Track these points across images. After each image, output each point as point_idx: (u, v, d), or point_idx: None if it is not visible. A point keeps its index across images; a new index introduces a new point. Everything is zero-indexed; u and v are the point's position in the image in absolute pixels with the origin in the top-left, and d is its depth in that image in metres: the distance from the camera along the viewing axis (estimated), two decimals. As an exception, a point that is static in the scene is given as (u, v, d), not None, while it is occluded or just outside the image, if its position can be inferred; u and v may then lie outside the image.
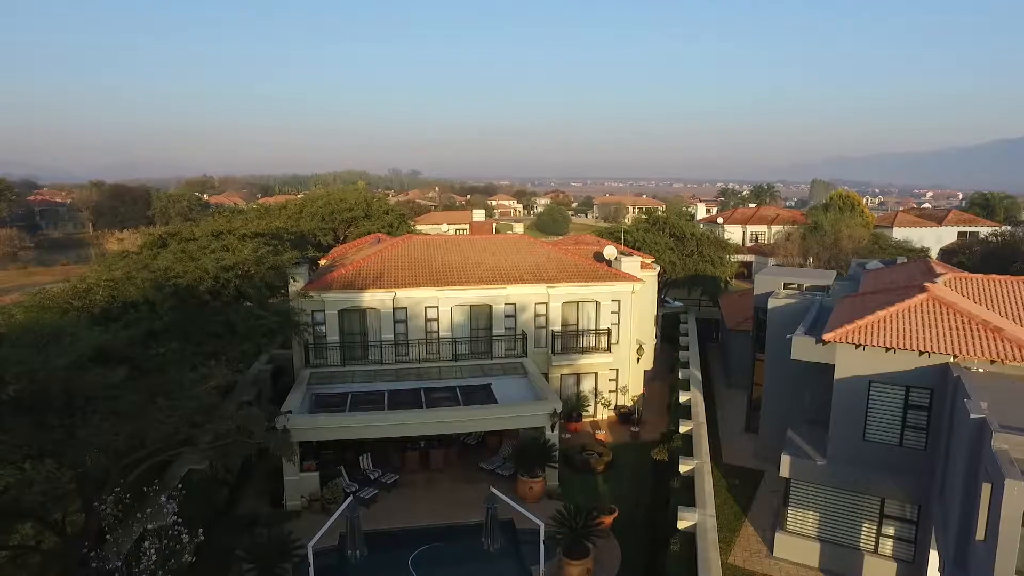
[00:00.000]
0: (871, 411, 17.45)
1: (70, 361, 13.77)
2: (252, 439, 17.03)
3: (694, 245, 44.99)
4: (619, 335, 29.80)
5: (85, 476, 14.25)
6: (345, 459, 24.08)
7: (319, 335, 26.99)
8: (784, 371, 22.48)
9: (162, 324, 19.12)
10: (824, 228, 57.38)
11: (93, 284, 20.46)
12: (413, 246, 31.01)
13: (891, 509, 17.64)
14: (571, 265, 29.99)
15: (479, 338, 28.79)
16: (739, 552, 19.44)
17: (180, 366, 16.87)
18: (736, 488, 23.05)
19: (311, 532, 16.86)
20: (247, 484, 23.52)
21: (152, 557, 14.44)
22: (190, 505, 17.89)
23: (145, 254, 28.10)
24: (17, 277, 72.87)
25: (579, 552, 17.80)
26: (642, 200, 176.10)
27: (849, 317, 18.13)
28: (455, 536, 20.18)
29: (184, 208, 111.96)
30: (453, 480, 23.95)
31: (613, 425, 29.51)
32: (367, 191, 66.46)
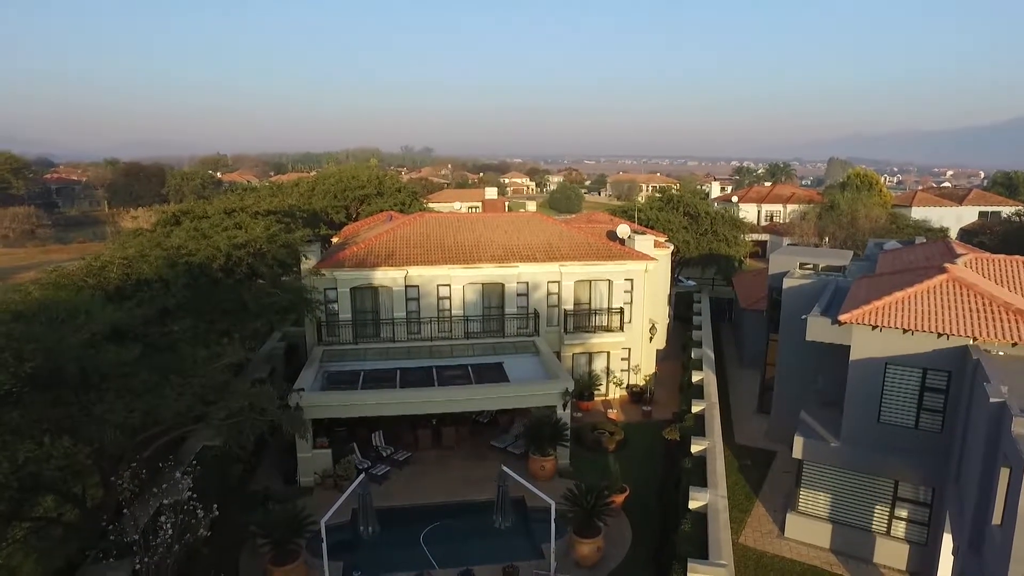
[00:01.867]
0: (886, 393, 17.25)
1: (85, 339, 13.87)
2: (265, 416, 17.15)
3: (708, 224, 44.51)
4: (632, 314, 29.65)
5: (102, 452, 14.45)
6: (357, 436, 24.27)
7: (331, 313, 27.06)
8: (798, 352, 22.27)
9: (175, 302, 19.18)
10: (841, 207, 56.59)
11: (107, 262, 20.53)
12: (425, 224, 30.89)
13: (905, 492, 17.52)
14: (584, 244, 29.76)
15: (491, 316, 28.75)
16: (750, 532, 19.45)
17: (193, 344, 16.95)
18: (748, 469, 23.01)
19: (324, 508, 16.99)
20: (261, 461, 23.82)
21: (168, 531, 14.66)
22: (205, 481, 18.17)
23: (158, 232, 28.12)
24: (35, 254, 73.65)
25: (590, 530, 17.88)
26: (656, 178, 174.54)
27: (866, 298, 17.86)
28: (466, 513, 20.32)
29: (197, 186, 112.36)
30: (465, 458, 24.09)
31: (625, 404, 29.49)
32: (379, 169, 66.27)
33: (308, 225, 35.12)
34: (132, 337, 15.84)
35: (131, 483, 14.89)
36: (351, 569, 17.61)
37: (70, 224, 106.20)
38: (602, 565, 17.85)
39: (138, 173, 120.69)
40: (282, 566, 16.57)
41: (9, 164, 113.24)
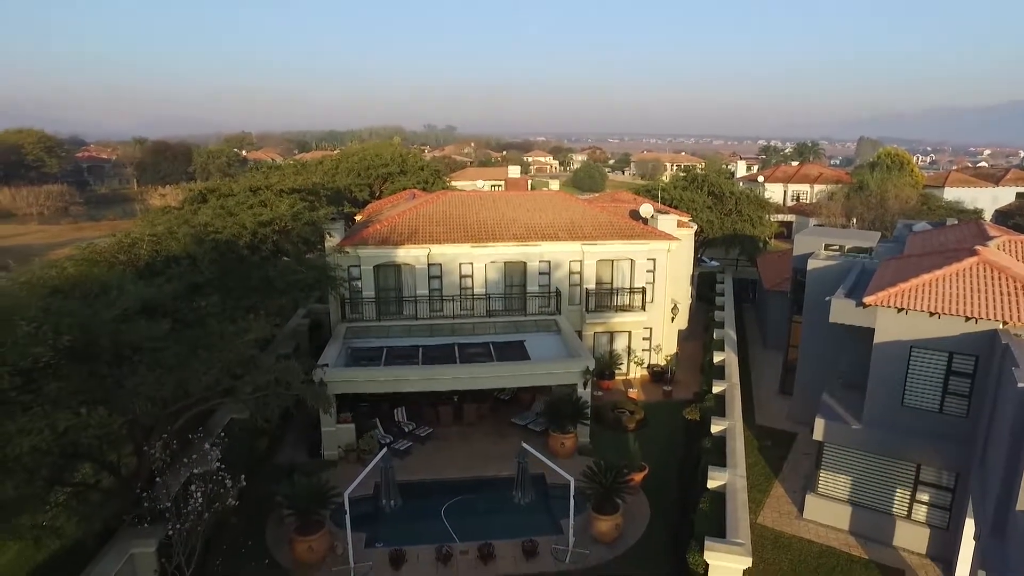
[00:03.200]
0: (911, 376, 17.07)
1: (117, 314, 14.26)
2: (290, 391, 17.53)
3: (733, 204, 44.00)
4: (654, 294, 29.56)
5: (135, 422, 14.93)
6: (380, 412, 24.68)
7: (355, 290, 27.39)
8: (821, 334, 22.08)
9: (203, 278, 19.56)
10: (870, 188, 55.42)
11: (137, 239, 20.98)
12: (448, 202, 30.98)
13: (927, 475, 17.39)
14: (606, 223, 29.64)
15: (513, 295, 28.88)
16: (768, 513, 19.50)
17: (221, 319, 17.31)
18: (768, 450, 22.98)
19: (347, 481, 17.40)
20: (286, 434, 24.37)
21: (199, 499, 15.14)
22: (232, 452, 18.69)
23: (186, 209, 28.61)
24: (68, 231, 75.35)
25: (609, 508, 18.07)
26: (680, 157, 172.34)
27: (892, 280, 17.60)
28: (487, 489, 20.65)
29: (223, 164, 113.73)
30: (485, 434, 24.39)
31: (646, 384, 29.54)
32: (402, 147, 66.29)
33: (332, 203, 35.42)
34: (162, 312, 16.24)
35: (163, 453, 15.38)
36: (373, 541, 18.04)
37: (101, 202, 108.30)
38: (620, 542, 18.06)
39: (165, 151, 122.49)
40: (307, 536, 17.03)
41: (42, 143, 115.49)
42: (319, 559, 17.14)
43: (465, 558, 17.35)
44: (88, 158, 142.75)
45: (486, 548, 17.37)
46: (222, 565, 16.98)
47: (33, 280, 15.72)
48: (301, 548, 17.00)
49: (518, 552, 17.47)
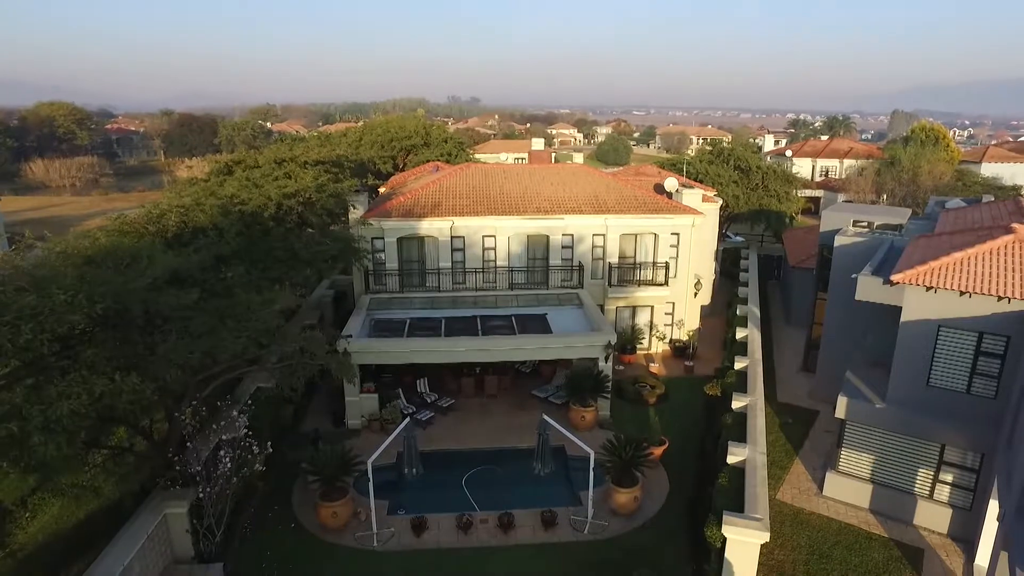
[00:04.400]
0: (937, 356, 16.83)
1: (148, 283, 14.57)
2: (315, 360, 17.84)
3: (759, 179, 43.30)
4: (677, 269, 29.37)
5: (166, 389, 15.32)
6: (403, 382, 25.04)
7: (378, 262, 27.61)
8: (846, 311, 21.82)
9: (229, 249, 19.86)
10: (902, 163, 53.92)
11: (166, 210, 21.30)
12: (471, 175, 30.91)
13: (951, 456, 17.23)
14: (630, 196, 29.39)
15: (536, 268, 28.88)
16: (788, 489, 19.52)
17: (247, 290, 17.59)
18: (789, 427, 22.92)
19: (370, 450, 17.77)
20: (311, 403, 24.88)
21: (227, 464, 15.61)
22: (259, 420, 19.15)
23: (212, 181, 28.88)
24: (99, 203, 76.66)
25: (628, 481, 18.23)
26: (707, 131, 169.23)
27: (922, 258, 17.27)
28: (507, 459, 20.93)
29: (248, 136, 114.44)
30: (507, 406, 24.64)
31: (667, 359, 29.52)
32: (426, 119, 66.06)
33: (356, 175, 35.55)
34: (190, 282, 16.56)
35: (192, 419, 15.82)
36: (396, 508, 18.45)
37: (130, 173, 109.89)
38: (638, 514, 18.26)
39: (191, 123, 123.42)
40: (331, 502, 17.48)
41: (73, 115, 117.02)
42: (343, 524, 17.61)
43: (485, 526, 17.69)
44: (117, 130, 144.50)
45: (506, 517, 17.68)
46: (250, 528, 17.56)
47: (68, 250, 16.09)
48: (325, 513, 17.47)
49: (537, 522, 17.77)
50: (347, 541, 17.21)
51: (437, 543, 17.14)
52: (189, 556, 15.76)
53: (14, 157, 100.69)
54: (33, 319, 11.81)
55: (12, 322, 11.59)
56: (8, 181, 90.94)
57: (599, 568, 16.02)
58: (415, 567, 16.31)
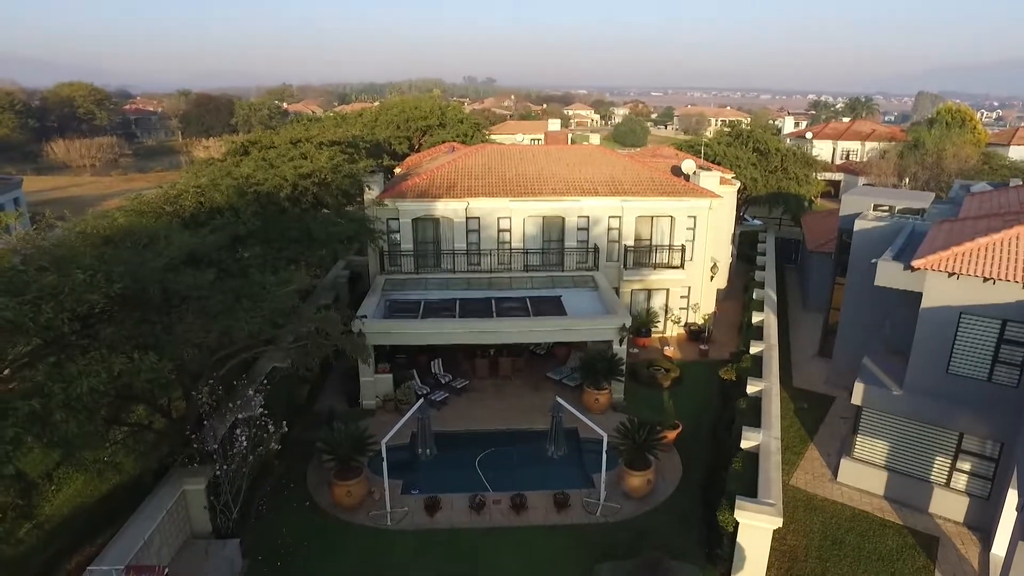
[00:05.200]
0: (958, 344, 16.56)
1: (165, 263, 14.69)
2: (330, 341, 17.95)
3: (778, 161, 42.59)
4: (693, 252, 29.12)
5: (183, 368, 15.52)
6: (417, 363, 25.16)
7: (393, 243, 27.64)
8: (865, 297, 21.53)
9: (245, 230, 19.94)
10: (925, 146, 52.84)
11: (183, 191, 21.42)
12: (487, 156, 30.75)
13: (969, 444, 17.01)
14: (647, 179, 29.09)
15: (551, 250, 28.78)
16: (802, 475, 19.44)
17: (263, 270, 17.68)
18: (804, 412, 22.77)
19: (385, 430, 17.91)
20: (326, 383, 25.09)
21: (243, 443, 15.82)
22: (275, 399, 19.34)
23: (228, 162, 29.02)
24: (118, 183, 77.41)
25: (641, 464, 18.25)
26: (725, 112, 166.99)
27: (944, 243, 16.94)
28: (520, 441, 21.02)
29: (264, 116, 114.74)
30: (520, 388, 24.71)
31: (682, 342, 29.39)
32: (442, 99, 65.64)
33: (371, 156, 35.49)
34: (207, 262, 16.66)
35: (209, 398, 16.02)
36: (409, 488, 18.63)
37: (148, 154, 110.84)
38: (651, 497, 18.29)
39: (208, 104, 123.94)
40: (345, 481, 17.68)
41: (92, 96, 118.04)
42: (357, 503, 17.82)
43: (498, 507, 17.82)
44: (135, 111, 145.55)
45: (518, 498, 17.79)
46: (266, 505, 17.82)
47: (87, 230, 16.27)
48: (340, 492, 17.68)
49: (550, 503, 17.86)
50: (361, 519, 17.43)
51: (450, 523, 17.31)
52: (207, 531, 16.06)
53: (36, 137, 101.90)
54: (53, 298, 11.96)
55: (33, 301, 11.75)
56: (31, 161, 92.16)
57: (611, 550, 16.09)
58: (428, 546, 16.49)
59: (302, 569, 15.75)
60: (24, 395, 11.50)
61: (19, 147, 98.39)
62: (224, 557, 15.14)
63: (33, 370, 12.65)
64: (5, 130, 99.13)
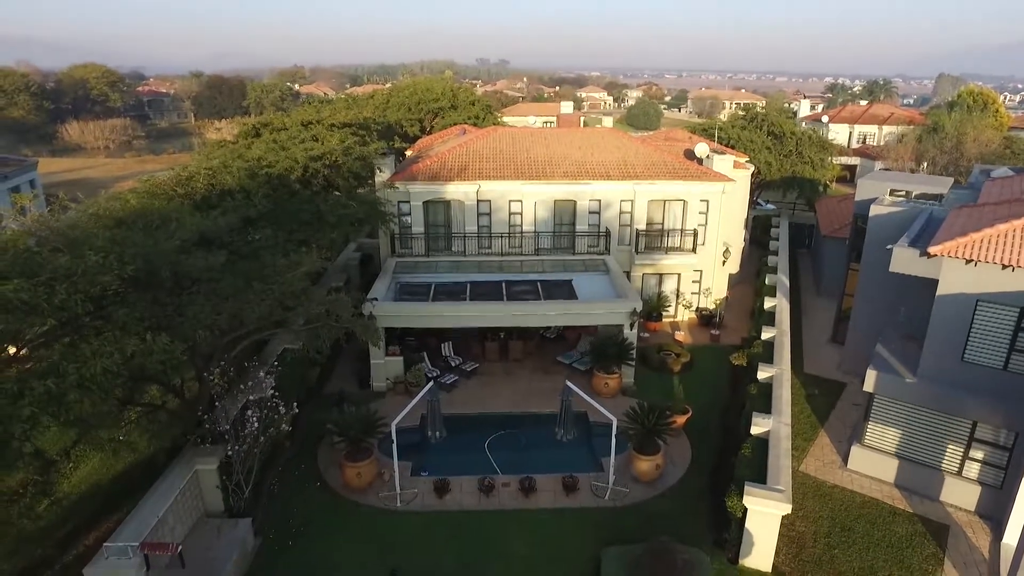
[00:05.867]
0: (974, 331, 16.35)
1: (176, 245, 14.75)
2: (340, 323, 18.00)
3: (793, 145, 42.03)
4: (705, 236, 28.88)
5: (195, 349, 15.65)
6: (428, 346, 25.24)
7: (404, 225, 27.62)
8: (879, 283, 21.29)
9: (256, 212, 19.95)
10: (945, 130, 51.84)
11: (194, 173, 21.44)
12: (499, 138, 30.57)
13: (983, 433, 16.84)
14: (660, 162, 28.81)
15: (562, 233, 28.65)
16: (812, 461, 19.37)
17: (273, 252, 17.74)
18: (815, 399, 22.65)
19: (395, 412, 18.01)
20: (336, 365, 25.25)
21: (255, 424, 15.97)
22: (286, 381, 19.51)
23: (240, 144, 29.00)
24: (132, 165, 77.73)
25: (650, 448, 18.25)
26: (740, 95, 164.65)
27: (962, 229, 16.66)
28: (530, 424, 21.10)
29: (276, 98, 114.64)
30: (530, 371, 24.74)
31: (693, 327, 29.27)
32: (454, 81, 65.24)
33: (382, 138, 35.29)
34: (218, 245, 16.70)
35: (221, 379, 16.15)
36: (419, 469, 18.78)
37: (161, 136, 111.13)
38: (660, 482, 18.32)
39: (220, 86, 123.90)
40: (356, 462, 17.83)
41: (106, 78, 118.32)
42: (367, 484, 17.99)
43: (507, 490, 17.92)
44: (148, 92, 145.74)
45: (527, 481, 17.88)
46: (277, 485, 18.04)
47: (100, 212, 16.35)
48: (350, 473, 17.85)
49: (558, 487, 17.94)
50: (371, 500, 17.60)
51: (459, 505, 17.44)
52: (219, 511, 16.28)
53: (51, 119, 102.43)
54: (67, 279, 12.05)
55: (47, 282, 11.85)
56: (46, 143, 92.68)
57: (619, 534, 16.15)
58: (437, 527, 16.64)
59: (313, 548, 15.96)
60: (40, 375, 11.64)
61: (34, 129, 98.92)
62: (236, 535, 15.36)
63: (48, 350, 12.80)
64: (21, 112, 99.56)
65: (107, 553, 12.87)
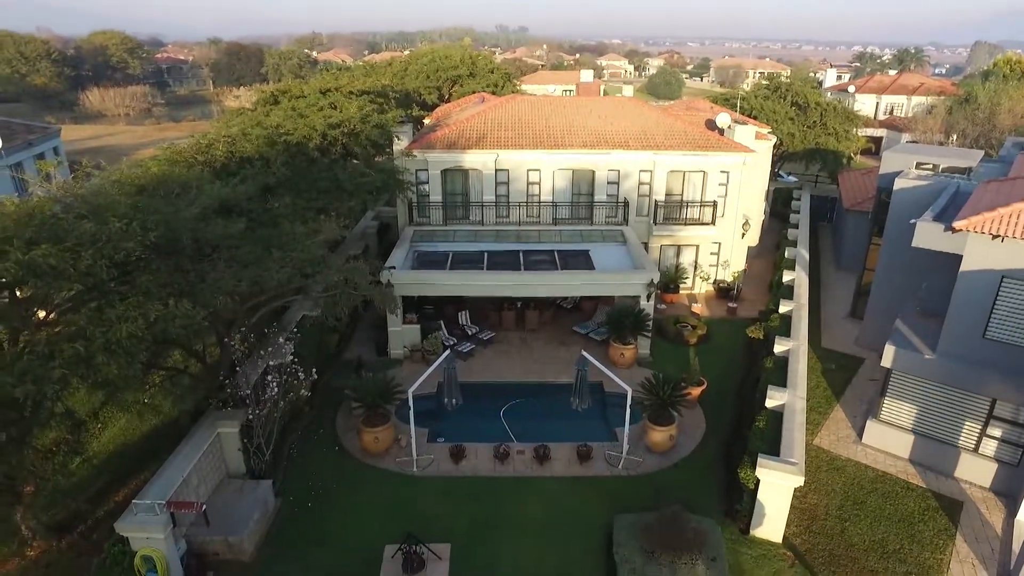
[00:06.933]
0: (998, 308, 16.11)
1: (197, 212, 14.92)
2: (358, 291, 18.16)
3: (817, 116, 41.21)
4: (725, 208, 28.56)
5: (216, 315, 15.90)
6: (445, 314, 25.41)
7: (422, 194, 27.62)
8: (901, 258, 21.01)
9: (275, 180, 20.08)
10: (978, 100, 50.23)
11: (214, 140, 21.52)
12: (517, 107, 30.28)
13: (1003, 411, 16.68)
14: (680, 132, 28.41)
15: (580, 203, 28.49)
16: (826, 435, 19.39)
17: (292, 220, 17.88)
18: (831, 373, 22.56)
19: (412, 379, 18.25)
20: (354, 332, 25.55)
21: (275, 389, 16.30)
22: (305, 347, 19.82)
23: (259, 111, 29.06)
24: (152, 132, 78.14)
25: (664, 419, 18.36)
26: (764, 63, 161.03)
27: (990, 204, 16.30)
28: (545, 393, 21.28)
29: (294, 65, 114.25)
30: (547, 341, 24.86)
31: (710, 300, 29.15)
32: (472, 49, 64.50)
33: (401, 106, 35.19)
34: (238, 212, 16.86)
35: (242, 345, 16.46)
36: (435, 436, 19.08)
37: (180, 103, 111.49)
38: (673, 452, 18.46)
39: (239, 53, 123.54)
40: (373, 427, 18.14)
41: (125, 44, 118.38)
42: (384, 449, 18.34)
43: (521, 457, 18.18)
44: (167, 59, 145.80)
45: (542, 449, 18.11)
46: (296, 449, 18.46)
47: (122, 179, 16.54)
48: (368, 438, 18.19)
49: (572, 455, 18.16)
50: (388, 465, 17.96)
51: (474, 471, 17.74)
52: (241, 472, 16.73)
53: (72, 86, 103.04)
54: (92, 245, 12.27)
55: (73, 248, 12.08)
56: (67, 110, 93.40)
57: (631, 502, 16.37)
58: (452, 492, 16.96)
59: (331, 510, 16.37)
60: (69, 338, 11.96)
61: (56, 96, 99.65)
62: (258, 496, 15.80)
63: (75, 315, 13.11)
64: (43, 79, 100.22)
65: (136, 510, 13.34)
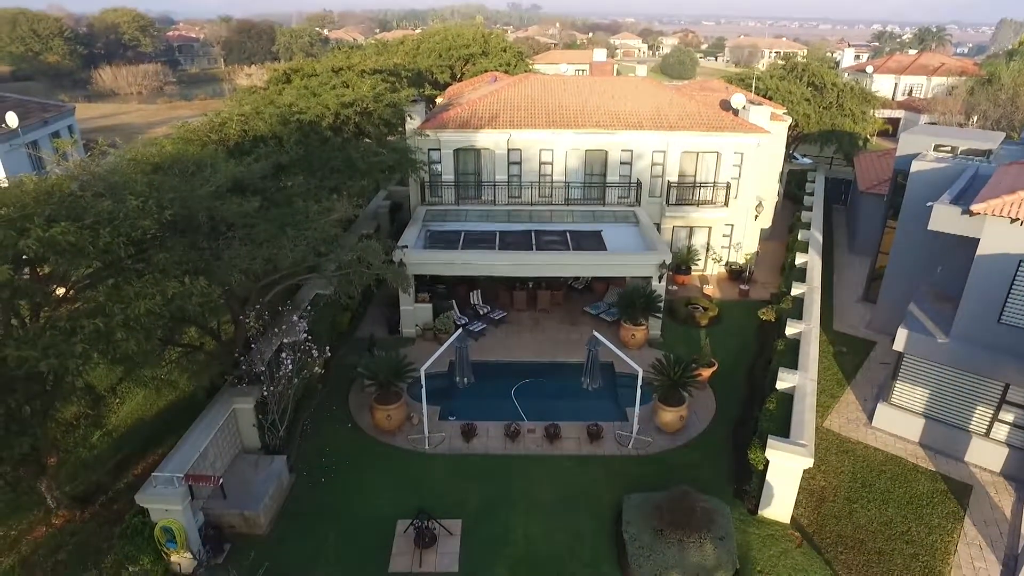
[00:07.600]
0: (1014, 293, 15.97)
1: (212, 191, 15.03)
2: (371, 270, 18.29)
3: (834, 97, 40.59)
4: (738, 190, 28.35)
5: (231, 293, 16.12)
6: (457, 294, 25.53)
7: (435, 174, 27.60)
8: (916, 241, 20.83)
9: (288, 158, 20.12)
10: (1001, 81, 49.20)
11: (227, 119, 21.57)
12: (530, 86, 30.07)
13: (1015, 396, 16.62)
14: (694, 113, 28.13)
15: (592, 184, 28.37)
16: (836, 418, 19.42)
17: (306, 199, 17.95)
18: (843, 356, 22.52)
19: (424, 357, 18.39)
20: (367, 311, 25.73)
21: (288, 366, 16.49)
22: (318, 325, 20.03)
23: (271, 90, 29.04)
24: (164, 111, 78.20)
25: (674, 400, 18.45)
26: (780, 43, 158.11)
27: (1010, 187, 16.10)
28: (556, 373, 21.41)
29: (306, 44, 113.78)
30: (558, 321, 24.94)
31: (723, 281, 29.07)
32: (485, 27, 63.84)
33: (413, 85, 35.08)
34: (251, 191, 16.95)
35: (256, 322, 16.64)
36: (447, 414, 19.28)
37: (192, 81, 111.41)
38: (683, 433, 18.57)
39: (250, 31, 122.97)
40: (385, 405, 18.36)
41: (137, 22, 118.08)
42: (396, 427, 18.57)
43: (532, 436, 18.35)
44: (178, 37, 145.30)
45: (552, 428, 18.27)
46: (310, 425, 18.72)
47: (138, 158, 16.66)
48: (380, 416, 18.42)
49: (583, 434, 18.31)
50: (400, 442, 18.20)
51: (485, 449, 17.94)
52: (256, 447, 17.02)
53: (84, 64, 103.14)
54: (110, 223, 12.42)
55: (92, 226, 12.24)
56: (80, 88, 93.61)
57: (641, 481, 16.52)
58: (463, 469, 17.18)
59: (344, 486, 16.64)
60: (88, 314, 12.17)
61: (69, 74, 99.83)
62: (273, 470, 16.09)
63: (94, 292, 13.31)
64: (56, 57, 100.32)
65: (155, 482, 13.63)
